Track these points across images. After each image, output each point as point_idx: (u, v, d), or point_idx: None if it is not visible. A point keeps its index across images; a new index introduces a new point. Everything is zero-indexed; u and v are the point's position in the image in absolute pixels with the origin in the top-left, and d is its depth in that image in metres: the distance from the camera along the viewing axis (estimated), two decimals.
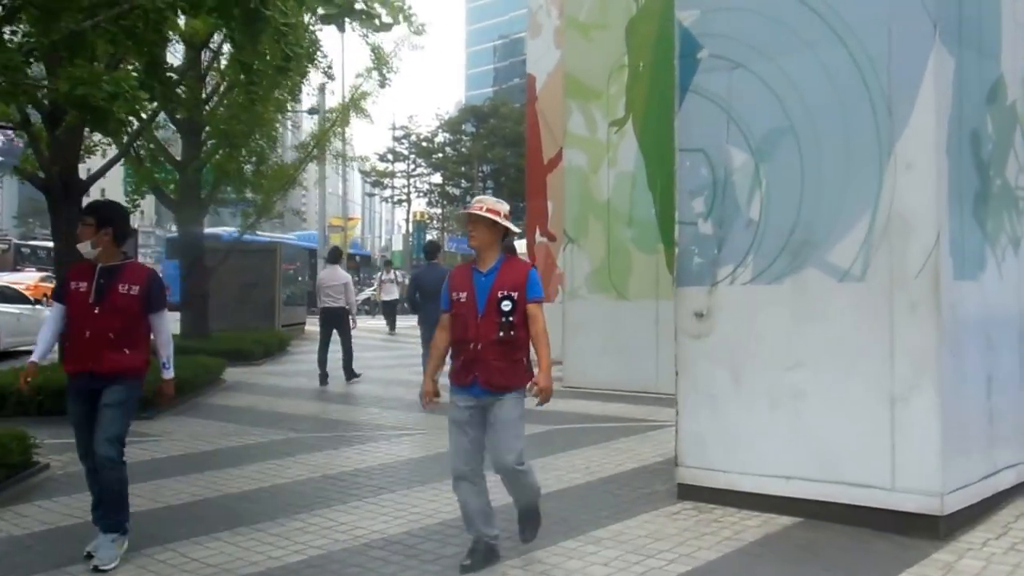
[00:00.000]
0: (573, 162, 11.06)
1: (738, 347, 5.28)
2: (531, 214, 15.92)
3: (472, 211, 4.13)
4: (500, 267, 4.13)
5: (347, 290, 11.46)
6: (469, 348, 4.08)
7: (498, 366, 4.04)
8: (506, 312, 4.02)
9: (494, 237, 4.15)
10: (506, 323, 4.02)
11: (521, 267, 4.22)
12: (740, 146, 5.32)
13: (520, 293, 4.07)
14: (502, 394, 4.06)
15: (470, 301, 4.11)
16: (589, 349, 10.67)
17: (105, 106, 5.39)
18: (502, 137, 57.02)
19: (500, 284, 4.07)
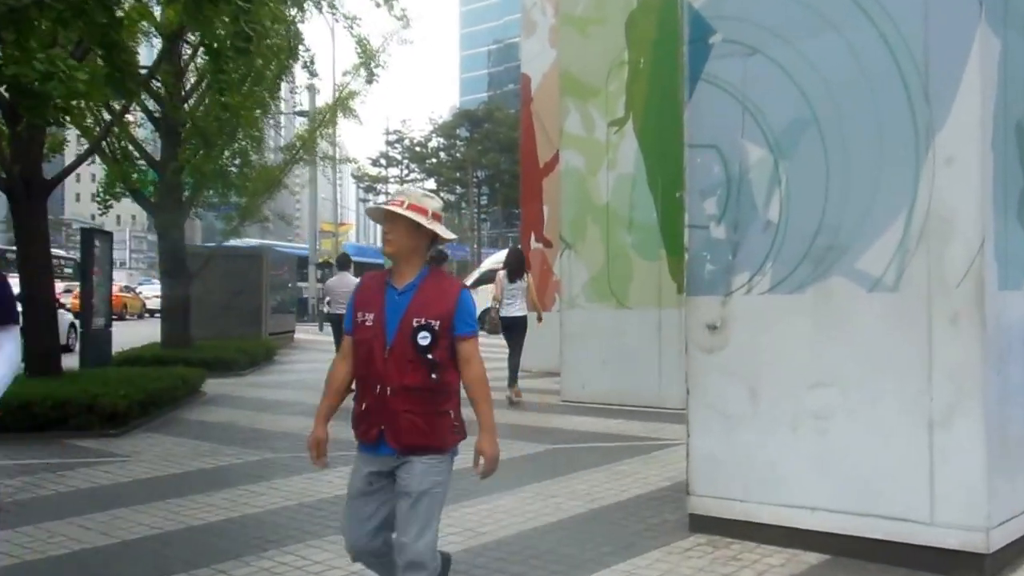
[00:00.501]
0: (570, 164, 10.55)
1: (755, 362, 4.77)
2: (526, 219, 15.42)
3: (389, 207, 3.03)
4: (421, 285, 3.03)
5: None
6: (373, 391, 3.00)
7: (411, 420, 2.96)
8: (423, 347, 2.94)
9: (417, 243, 3.04)
10: (424, 362, 2.95)
11: (449, 288, 3.07)
12: (757, 140, 4.81)
13: (445, 323, 2.98)
14: (417, 456, 3.02)
15: (377, 326, 3.01)
16: (588, 361, 10.14)
17: (39, 88, 4.86)
18: (496, 142, 56.63)
19: (417, 308, 2.99)
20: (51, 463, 6.90)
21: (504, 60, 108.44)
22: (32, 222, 9.14)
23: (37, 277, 9.19)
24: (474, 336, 3.07)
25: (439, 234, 3.06)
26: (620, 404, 9.72)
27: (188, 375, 10.38)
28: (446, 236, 3.11)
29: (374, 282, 3.16)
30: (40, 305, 9.18)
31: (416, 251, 3.05)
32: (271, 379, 13.06)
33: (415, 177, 60.91)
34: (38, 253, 9.24)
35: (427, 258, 3.12)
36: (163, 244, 13.54)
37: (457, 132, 60.52)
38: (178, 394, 9.76)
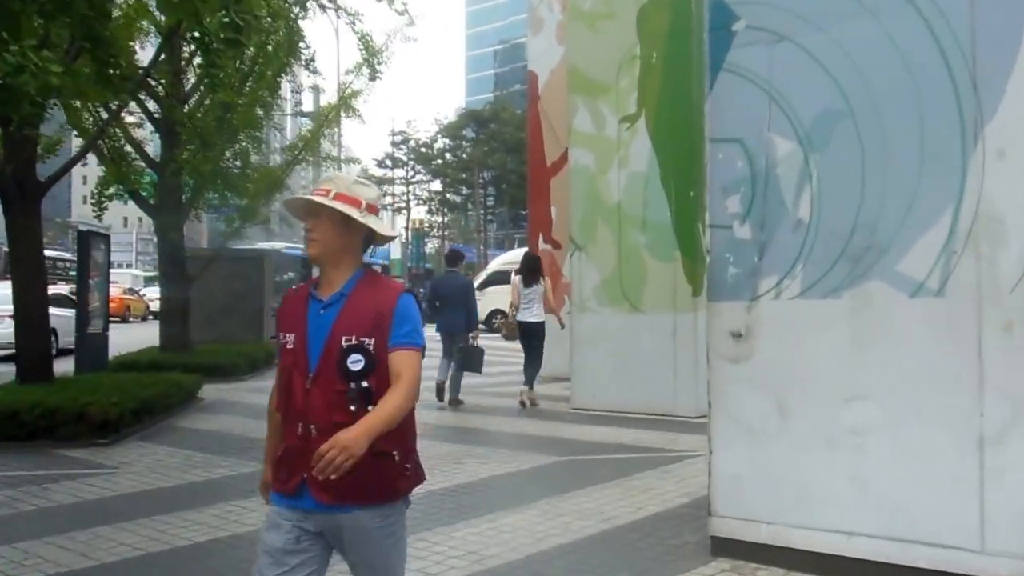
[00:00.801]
0: (579, 162, 10.19)
1: (784, 373, 4.41)
2: (534, 220, 15.06)
3: (312, 198, 2.40)
4: (351, 294, 2.40)
5: None
6: (295, 431, 2.36)
7: None
8: (355, 374, 2.29)
9: (347, 242, 2.41)
10: (357, 392, 2.29)
11: (386, 293, 2.42)
12: (785, 133, 4.45)
13: (381, 339, 2.34)
14: (355, 510, 2.34)
15: (299, 350, 2.39)
16: (599, 368, 9.77)
17: (11, 82, 4.53)
18: (503, 142, 56.27)
19: (346, 324, 2.34)
20: (36, 475, 6.57)
21: (510, 60, 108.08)
22: (25, 224, 8.82)
23: (29, 280, 8.86)
24: (412, 348, 2.36)
25: (376, 231, 2.43)
26: (633, 412, 9.36)
27: (184, 381, 10.04)
28: (384, 233, 2.48)
29: (297, 295, 2.51)
30: (32, 309, 8.86)
31: (347, 252, 2.41)
32: (271, 384, 12.67)
33: (421, 178, 60.65)
34: (31, 256, 8.92)
35: (362, 259, 2.48)
36: (162, 246, 13.23)
37: (463, 133, 60.16)
38: (173, 401, 9.43)
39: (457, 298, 10.20)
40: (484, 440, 8.06)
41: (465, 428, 8.75)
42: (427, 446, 7.55)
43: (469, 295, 10.34)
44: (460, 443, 7.84)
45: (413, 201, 60.98)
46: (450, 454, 7.29)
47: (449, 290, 10.05)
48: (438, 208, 62.88)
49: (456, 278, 10.68)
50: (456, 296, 10.21)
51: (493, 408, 10.23)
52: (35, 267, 8.92)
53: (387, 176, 58.78)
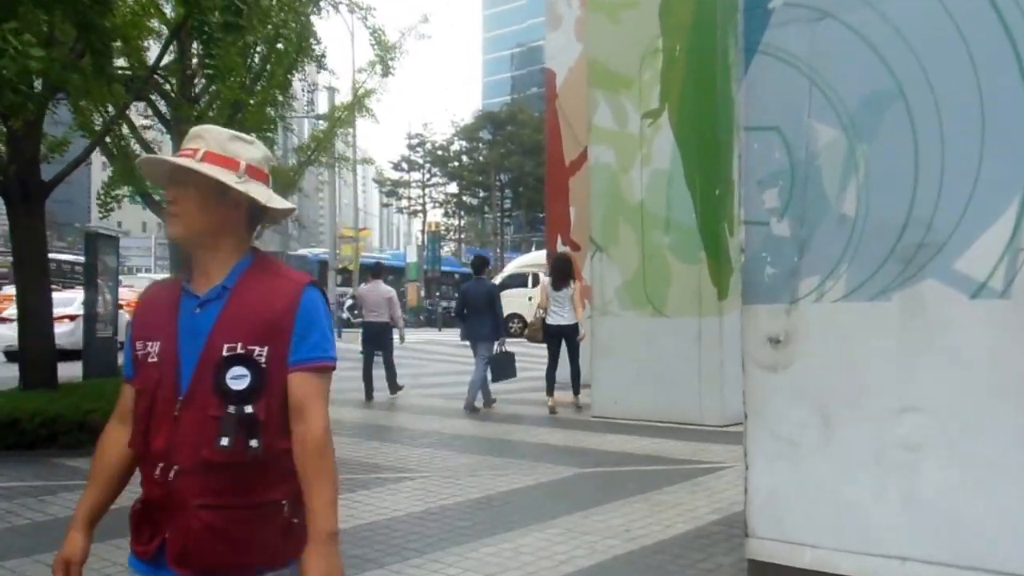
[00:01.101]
0: (600, 159, 9.83)
1: (828, 382, 4.03)
2: (552, 221, 14.71)
3: (176, 160, 1.76)
4: (236, 288, 1.77)
5: (391, 304, 11.29)
6: (153, 473, 1.77)
7: (209, 522, 1.71)
8: (236, 394, 1.69)
9: (222, 219, 1.77)
10: (232, 420, 1.69)
11: (284, 285, 1.79)
12: (827, 120, 4.07)
13: (277, 348, 1.73)
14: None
15: (166, 362, 1.76)
16: (621, 374, 9.40)
17: None
18: (520, 144, 55.91)
19: (228, 327, 1.73)
20: (34, 486, 6.29)
21: (527, 63, 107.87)
22: (29, 225, 8.57)
23: (33, 283, 8.61)
24: (322, 366, 1.75)
25: (260, 202, 1.75)
26: (656, 421, 8.99)
27: None
28: (273, 205, 1.78)
29: (163, 291, 1.85)
30: (36, 313, 8.60)
31: (225, 231, 1.76)
32: None
33: (437, 180, 60.32)
34: (35, 258, 8.67)
35: (249, 242, 1.82)
36: (173, 249, 12.95)
37: (480, 135, 59.84)
38: None
39: (482, 305, 10.12)
40: (501, 450, 7.70)
41: (481, 437, 8.40)
42: (441, 457, 7.23)
43: (496, 303, 10.19)
44: (476, 453, 7.49)
45: (429, 204, 60.72)
46: (465, 466, 6.95)
47: (476, 297, 10.01)
48: (454, 211, 62.58)
49: (482, 285, 10.58)
50: (481, 303, 10.13)
51: (510, 416, 9.89)
52: (38, 270, 8.67)
53: (403, 179, 58.60)
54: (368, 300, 11.30)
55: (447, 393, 12.06)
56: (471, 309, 10.09)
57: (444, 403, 11.07)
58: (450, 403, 10.98)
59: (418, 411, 10.43)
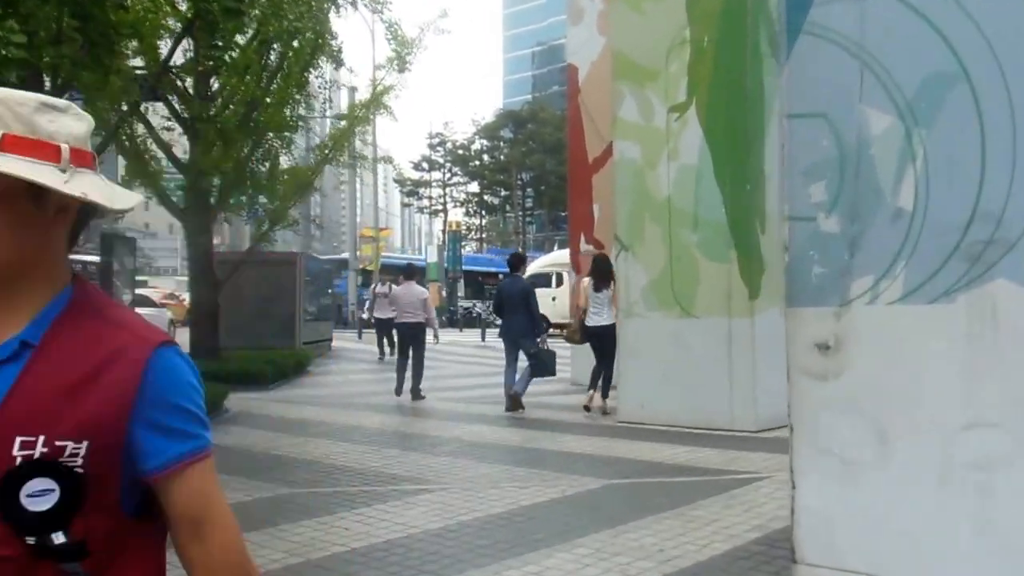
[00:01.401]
0: (625, 155, 9.46)
1: (884, 394, 3.66)
2: (575, 220, 14.36)
3: None
4: (44, 344, 1.09)
5: (425, 306, 11.39)
6: None
7: None
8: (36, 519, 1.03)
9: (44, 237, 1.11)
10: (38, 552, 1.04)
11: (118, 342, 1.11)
12: (881, 105, 3.70)
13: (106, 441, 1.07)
14: None
15: None
16: (648, 377, 9.04)
17: None
18: (541, 143, 55.58)
19: (28, 408, 1.05)
20: None
21: (548, 62, 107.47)
22: None
23: None
24: (200, 457, 1.17)
25: (100, 205, 1.10)
26: (685, 426, 8.63)
27: (207, 391, 9.48)
28: (118, 205, 1.14)
29: None
30: None
31: (35, 259, 1.11)
32: (299, 393, 12.18)
33: (458, 180, 60.10)
34: None
35: (66, 266, 1.16)
36: (191, 250, 12.76)
37: (501, 133, 59.56)
38: None
39: (518, 303, 10.08)
40: (524, 459, 7.38)
41: (502, 445, 8.08)
42: (461, 467, 6.91)
43: (531, 300, 10.11)
44: (497, 463, 7.17)
45: (450, 203, 60.53)
46: (486, 477, 6.62)
47: (511, 294, 9.99)
48: (475, 210, 62.31)
49: (517, 282, 10.49)
50: (518, 301, 10.09)
51: (534, 421, 9.55)
52: None
53: (424, 179, 58.39)
54: (402, 301, 11.39)
55: (468, 397, 11.77)
56: (507, 307, 10.06)
57: (465, 408, 10.77)
58: (471, 407, 10.69)
59: (438, 416, 10.14)
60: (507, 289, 10.31)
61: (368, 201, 60.84)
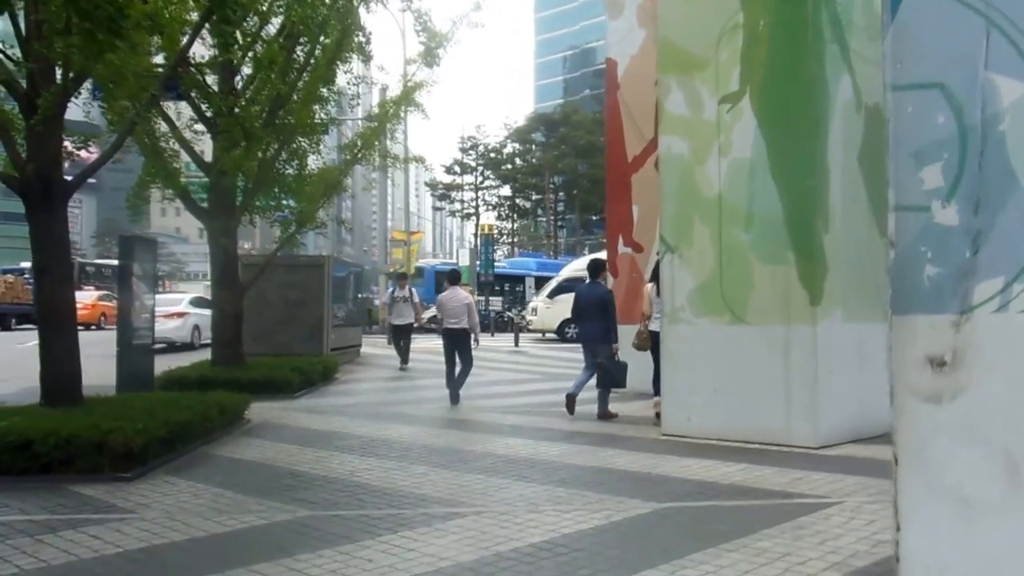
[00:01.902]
0: (672, 150, 8.82)
1: (1015, 419, 3.03)
2: (613, 221, 13.75)
3: None
4: None
5: (469, 311, 11.31)
6: None
7: None
8: None
9: None
10: None
11: None
12: (1013, 71, 3.08)
13: None
14: None
15: None
16: (696, 388, 8.40)
17: None
18: (574, 146, 54.92)
19: None
20: (35, 520, 5.54)
21: (580, 66, 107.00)
22: (51, 228, 7.90)
23: (56, 294, 7.93)
24: None
25: None
26: (736, 440, 7.99)
27: (228, 401, 9.01)
28: None
29: None
30: (59, 325, 7.92)
31: None
32: (326, 402, 11.66)
33: (490, 183, 59.59)
34: (58, 264, 7.99)
35: None
36: (213, 252, 12.32)
37: (533, 137, 58.96)
38: (213, 425, 8.39)
39: (595, 309, 9.91)
40: (564, 477, 6.76)
41: (540, 461, 7.47)
42: (496, 487, 6.30)
43: (607, 307, 9.97)
44: (535, 482, 6.57)
45: (482, 207, 60.01)
46: (523, 498, 6.02)
47: (588, 301, 9.83)
48: (507, 214, 61.75)
49: (595, 289, 10.23)
50: (594, 307, 9.92)
51: (572, 433, 8.94)
52: (62, 279, 7.99)
53: (455, 182, 57.94)
54: (447, 307, 11.29)
55: (501, 406, 11.20)
56: (583, 313, 9.96)
57: (499, 418, 10.19)
58: (505, 418, 10.11)
59: (470, 428, 9.56)
60: (585, 295, 10.11)
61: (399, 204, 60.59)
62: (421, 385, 13.98)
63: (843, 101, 8.21)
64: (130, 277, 10.06)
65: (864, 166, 8.37)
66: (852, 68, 8.31)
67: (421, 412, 10.61)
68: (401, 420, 9.92)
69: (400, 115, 13.29)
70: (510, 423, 9.69)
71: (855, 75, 8.35)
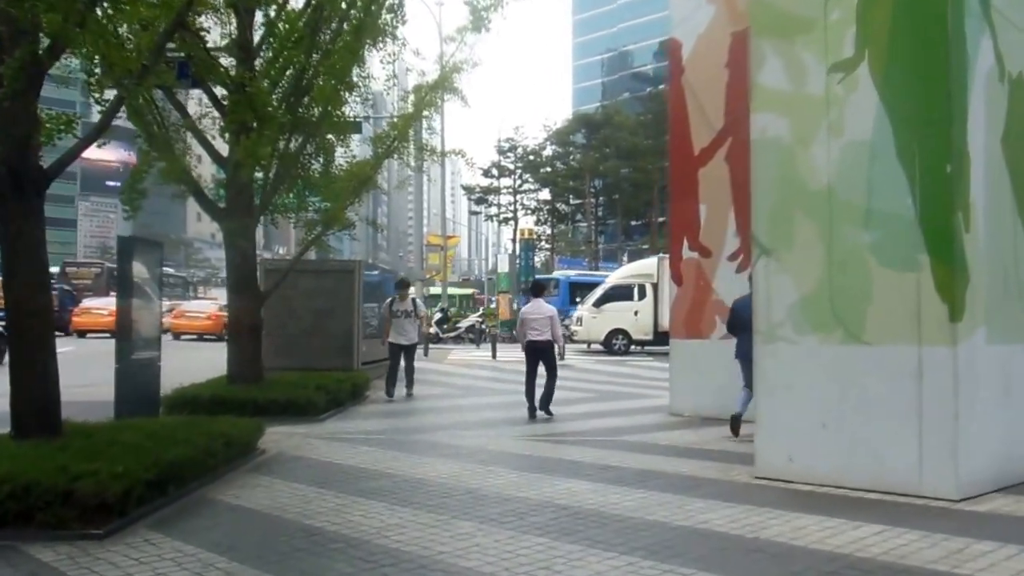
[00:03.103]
0: (767, 132, 7.31)
1: None
2: (677, 222, 12.25)
3: None
4: None
5: (553, 323, 11.17)
6: None
7: None
8: None
9: None
10: None
11: None
12: None
13: None
14: None
15: None
16: (800, 422, 6.89)
17: None
18: (616, 148, 53.22)
19: None
20: None
21: (618, 68, 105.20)
22: (22, 224, 6.63)
23: (28, 300, 6.66)
24: None
25: None
26: (851, 488, 6.47)
27: (236, 431, 7.65)
28: None
29: None
30: (32, 339, 6.66)
31: None
32: (353, 427, 10.26)
33: (528, 187, 58.06)
34: (31, 267, 6.71)
35: None
36: (230, 256, 11.02)
37: (573, 139, 57.36)
38: (216, 460, 7.05)
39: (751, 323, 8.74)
40: (649, 543, 5.27)
41: (614, 516, 5.99)
42: (562, 557, 4.79)
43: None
44: (612, 550, 5.09)
45: (520, 211, 58.52)
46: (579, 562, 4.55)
47: (744, 312, 9.01)
48: (547, 218, 60.20)
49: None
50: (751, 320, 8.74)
51: (644, 474, 7.45)
52: (35, 282, 6.71)
53: (493, 185, 56.52)
54: (531, 319, 11.18)
55: (554, 434, 9.74)
56: (741, 326, 9.30)
57: (552, 451, 8.74)
58: (560, 452, 8.66)
59: (523, 466, 8.11)
60: (741, 307, 9.39)
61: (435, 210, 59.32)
62: (460, 406, 12.57)
63: (985, 70, 6.67)
64: (130, 283, 8.78)
65: (1009, 149, 6.81)
66: (995, 30, 6.76)
67: (462, 441, 9.19)
68: (439, 453, 8.49)
69: (436, 102, 11.87)
70: (568, 458, 8.23)
71: (997, 39, 6.80)
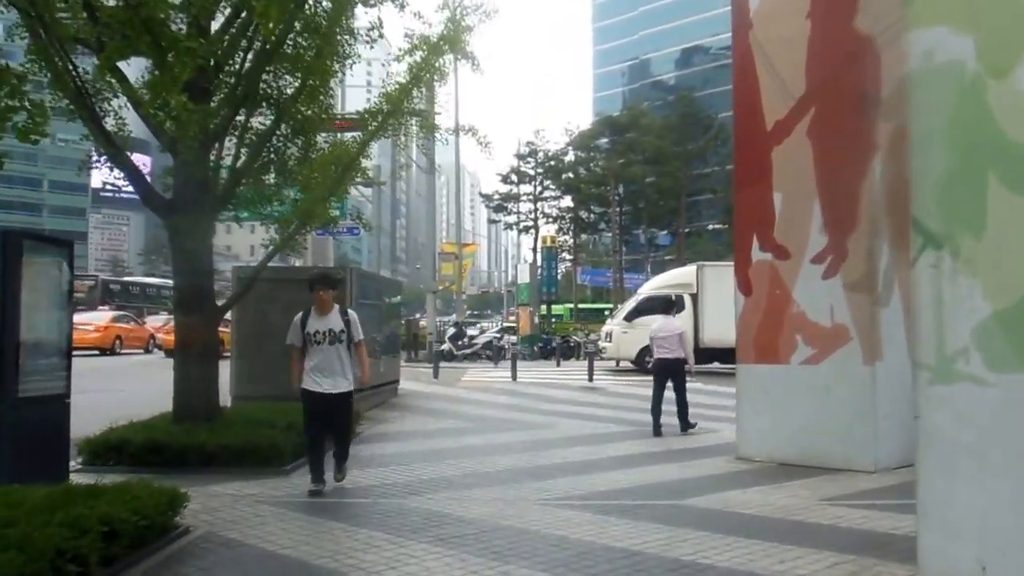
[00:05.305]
0: (936, 57, 4.79)
1: None
2: (744, 215, 9.75)
3: None
4: None
5: (682, 341, 11.38)
6: None
7: None
8: None
9: None
10: None
11: None
12: None
13: None
14: None
15: None
16: (998, 506, 4.36)
17: None
18: (641, 152, 50.71)
19: None
20: None
21: (639, 77, 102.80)
22: None
23: None
24: None
25: None
26: None
27: (126, 516, 4.98)
28: None
29: None
30: None
31: None
32: (327, 480, 7.71)
33: (550, 194, 55.55)
34: None
35: None
36: (175, 260, 8.62)
37: (596, 144, 54.91)
38: (109, 552, 4.59)
39: None
40: None
41: None
42: None
43: None
44: None
45: (541, 219, 56.07)
46: None
47: None
48: (568, 227, 57.73)
49: None
50: None
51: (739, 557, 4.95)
52: None
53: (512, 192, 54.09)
54: (661, 337, 11.34)
55: (591, 495, 7.23)
56: None
57: (591, 532, 6.23)
58: (603, 531, 6.13)
59: (549, 564, 5.62)
60: None
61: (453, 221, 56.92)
62: (471, 448, 10.01)
63: None
64: (17, 292, 6.42)
65: None
66: None
67: (469, 510, 6.64)
68: (435, 533, 5.93)
69: (443, 69, 9.37)
70: (619, 543, 5.66)
71: None
